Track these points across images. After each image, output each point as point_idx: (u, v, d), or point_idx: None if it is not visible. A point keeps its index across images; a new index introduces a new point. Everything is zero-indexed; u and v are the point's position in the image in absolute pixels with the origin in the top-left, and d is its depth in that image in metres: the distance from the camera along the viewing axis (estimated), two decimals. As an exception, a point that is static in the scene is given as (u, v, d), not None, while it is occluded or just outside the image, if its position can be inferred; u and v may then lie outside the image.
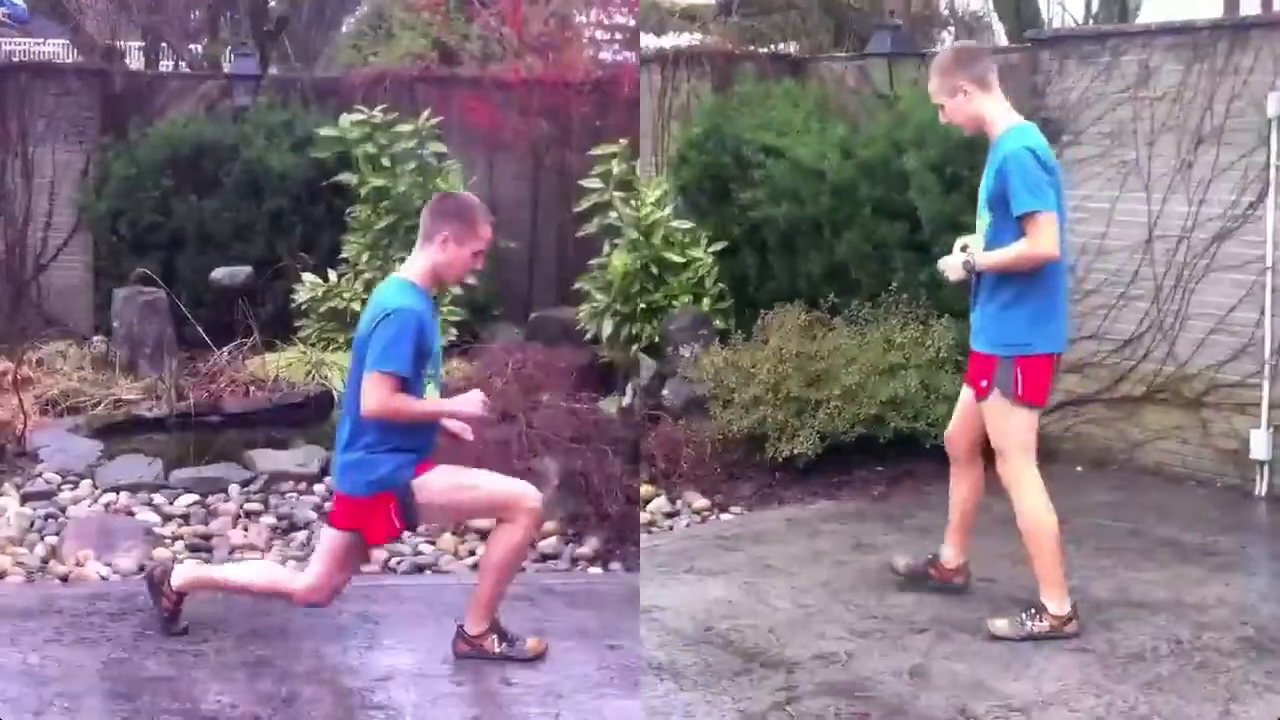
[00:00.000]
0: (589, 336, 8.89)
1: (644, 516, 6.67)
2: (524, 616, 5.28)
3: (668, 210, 8.72)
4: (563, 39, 10.94)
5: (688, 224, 8.67)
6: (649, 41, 13.55)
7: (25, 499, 6.88)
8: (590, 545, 6.44)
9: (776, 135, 8.28)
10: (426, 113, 10.29)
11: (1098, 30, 8.23)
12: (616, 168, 9.11)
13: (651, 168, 9.97)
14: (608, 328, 8.62)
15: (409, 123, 10.23)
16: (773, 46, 12.11)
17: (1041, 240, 4.67)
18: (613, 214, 9.02)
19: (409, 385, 4.66)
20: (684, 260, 8.45)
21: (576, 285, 9.30)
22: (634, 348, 8.29)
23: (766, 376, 7.00)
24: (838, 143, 8.03)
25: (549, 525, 6.55)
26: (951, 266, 4.95)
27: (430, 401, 4.79)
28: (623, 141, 9.22)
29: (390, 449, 4.71)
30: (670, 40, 13.10)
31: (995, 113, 4.91)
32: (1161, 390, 7.23)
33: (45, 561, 6.15)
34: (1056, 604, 4.91)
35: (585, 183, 9.37)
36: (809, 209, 7.93)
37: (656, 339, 8.10)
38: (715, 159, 8.65)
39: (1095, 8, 11.62)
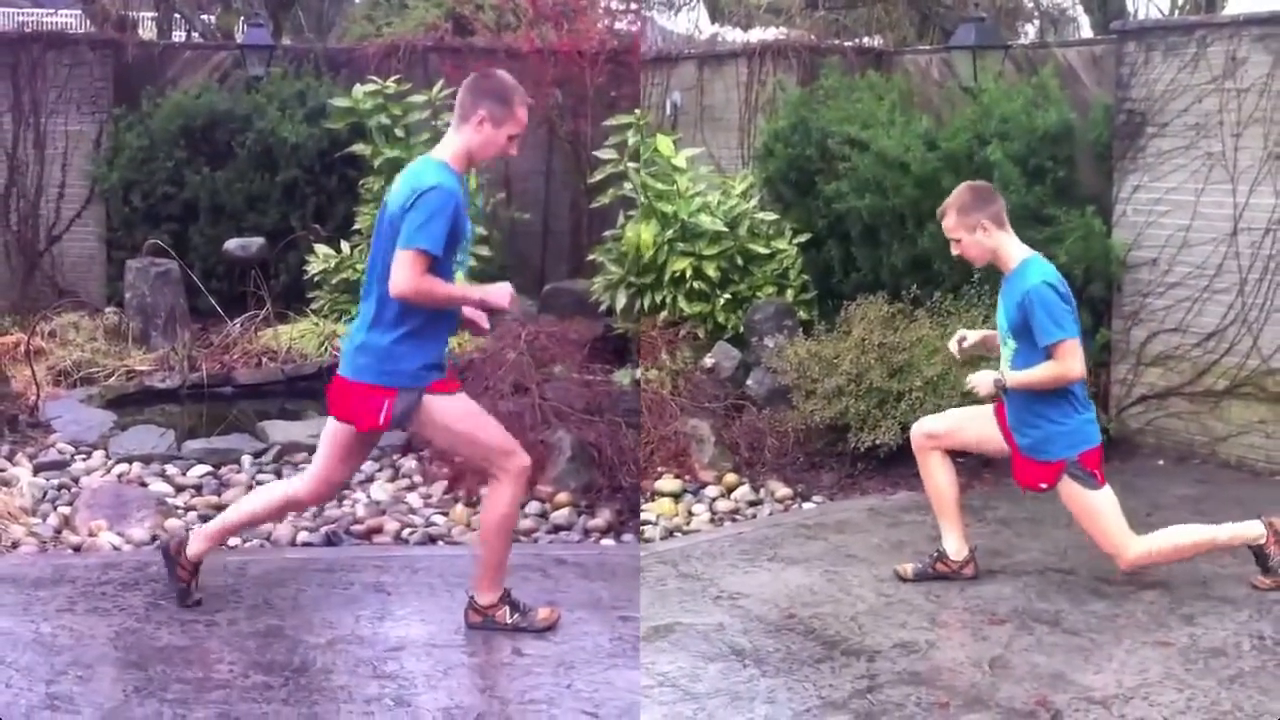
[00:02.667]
0: (603, 308, 8.86)
1: (728, 504, 6.70)
2: (536, 587, 5.28)
3: (753, 202, 8.73)
4: (577, 7, 10.87)
5: (773, 216, 8.70)
6: (735, 35, 13.57)
7: (38, 469, 6.88)
8: (602, 517, 6.43)
9: (861, 127, 8.29)
10: (440, 83, 10.25)
11: (1184, 21, 8.08)
12: (631, 138, 9.06)
13: (738, 160, 9.96)
14: (622, 299, 8.59)
15: (423, 93, 10.19)
16: (858, 40, 12.08)
17: (1070, 365, 5.02)
18: (627, 185, 8.98)
19: (439, 268, 4.55)
20: (769, 252, 8.49)
21: (590, 257, 9.27)
22: (659, 316, 8.27)
23: (849, 367, 7.02)
24: (921, 135, 8.02)
25: (562, 497, 6.55)
26: (982, 383, 5.25)
27: (459, 286, 4.69)
28: (637, 112, 9.17)
29: (411, 333, 4.61)
30: (757, 34, 13.09)
31: (1010, 247, 5.23)
32: (1245, 384, 7.17)
33: (58, 532, 6.15)
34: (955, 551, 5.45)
35: (600, 153, 9.33)
36: (892, 201, 7.93)
37: (740, 329, 8.13)
38: (800, 151, 8.66)
39: None
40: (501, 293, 4.70)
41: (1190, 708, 4.26)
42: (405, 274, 4.48)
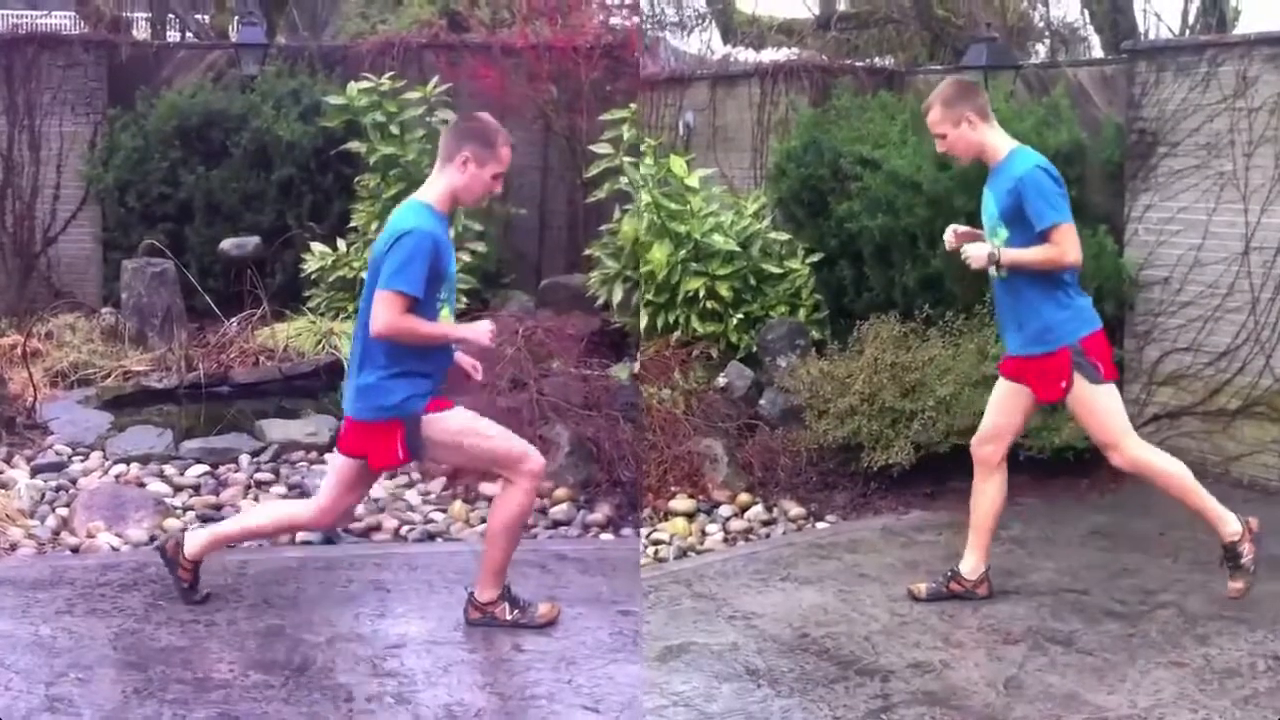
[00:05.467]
0: (600, 303, 8.85)
1: (741, 524, 6.68)
2: (535, 583, 5.27)
3: (766, 222, 8.74)
4: (572, 3, 10.85)
5: (785, 235, 8.69)
6: (747, 56, 13.55)
7: (36, 471, 6.87)
8: (601, 511, 6.42)
9: (873, 147, 8.26)
10: (435, 80, 10.23)
11: (1195, 41, 8.02)
12: (627, 133, 9.05)
13: (750, 180, 9.96)
14: (618, 294, 8.58)
15: (417, 90, 10.17)
16: (870, 60, 12.06)
17: (1069, 248, 5.00)
18: (623, 179, 8.96)
19: (420, 307, 4.63)
20: (781, 271, 8.48)
21: (587, 251, 9.25)
22: (672, 336, 8.25)
23: (862, 387, 6.99)
24: (934, 155, 7.96)
25: (560, 492, 6.54)
26: (977, 254, 5.13)
27: (441, 325, 4.75)
28: (632, 106, 9.15)
29: (402, 373, 4.67)
30: (769, 55, 13.07)
31: (995, 140, 5.18)
32: (1258, 404, 7.12)
33: (56, 533, 6.14)
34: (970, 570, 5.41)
35: (595, 148, 9.31)
36: (904, 220, 7.90)
37: (753, 349, 8.12)
38: (812, 171, 8.63)
39: (1192, 18, 11.48)
40: (482, 331, 4.78)
41: (1205, 729, 4.25)
42: (383, 314, 4.59)
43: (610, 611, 5.06)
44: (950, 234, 5.35)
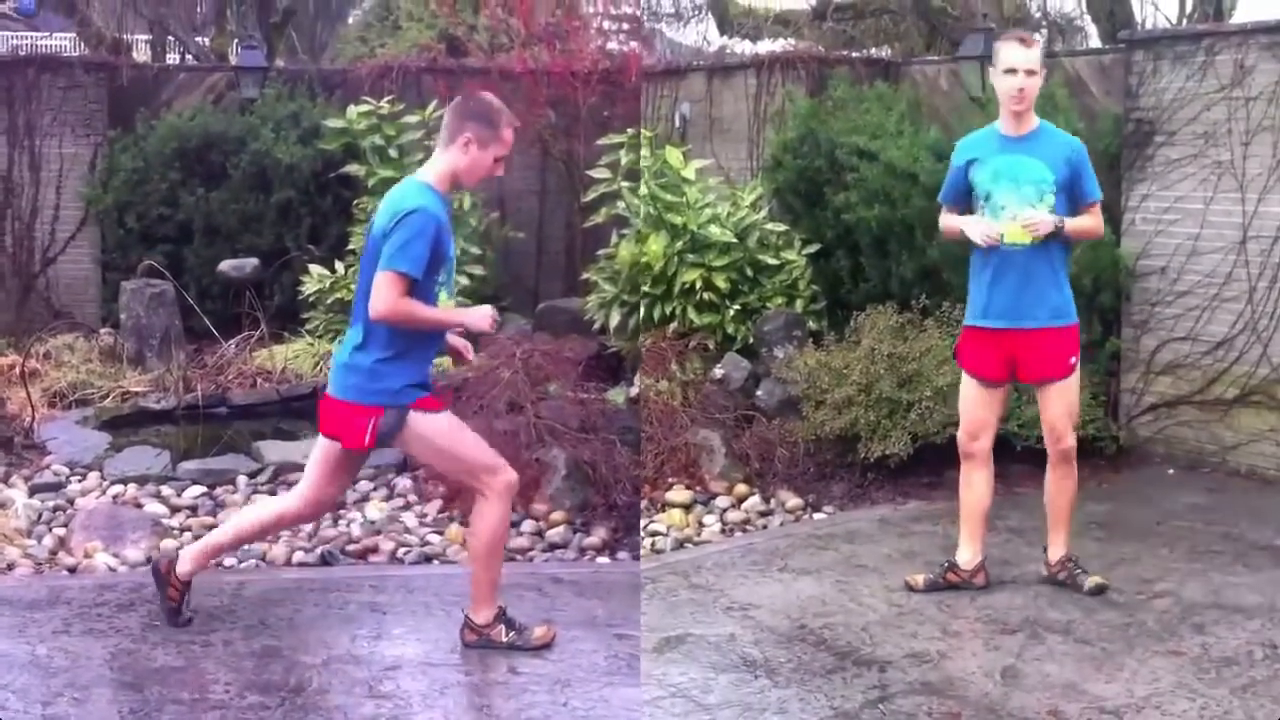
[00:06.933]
0: (597, 326, 8.88)
1: (738, 515, 6.71)
2: (532, 605, 5.28)
3: (762, 213, 8.77)
4: (570, 28, 10.91)
5: (782, 227, 8.73)
6: (744, 47, 13.62)
7: (33, 491, 6.88)
8: (598, 535, 6.43)
9: (869, 138, 8.32)
10: (434, 104, 10.28)
11: (1192, 30, 8.14)
12: (624, 157, 9.09)
13: (747, 171, 9.99)
14: (615, 317, 8.61)
15: (416, 114, 10.23)
16: (866, 51, 12.12)
17: (1101, 222, 5.26)
18: (620, 204, 9.00)
19: (420, 290, 4.59)
20: (778, 262, 8.52)
21: (584, 275, 9.29)
22: (668, 327, 8.28)
23: (859, 377, 7.03)
24: (930, 145, 8.04)
25: (557, 515, 6.55)
26: (1043, 221, 5.09)
27: (440, 310, 4.72)
28: (630, 131, 9.20)
29: (396, 356, 4.64)
30: (765, 46, 13.16)
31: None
32: (1255, 393, 7.17)
33: (53, 553, 6.15)
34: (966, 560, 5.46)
35: (593, 173, 9.36)
36: (901, 211, 7.96)
37: (750, 340, 8.16)
38: (809, 162, 8.69)
39: (1189, 8, 11.53)
40: (482, 316, 4.75)
41: (1202, 717, 4.26)
42: (384, 296, 4.53)
43: (606, 635, 5.07)
44: (1015, 224, 5.14)
